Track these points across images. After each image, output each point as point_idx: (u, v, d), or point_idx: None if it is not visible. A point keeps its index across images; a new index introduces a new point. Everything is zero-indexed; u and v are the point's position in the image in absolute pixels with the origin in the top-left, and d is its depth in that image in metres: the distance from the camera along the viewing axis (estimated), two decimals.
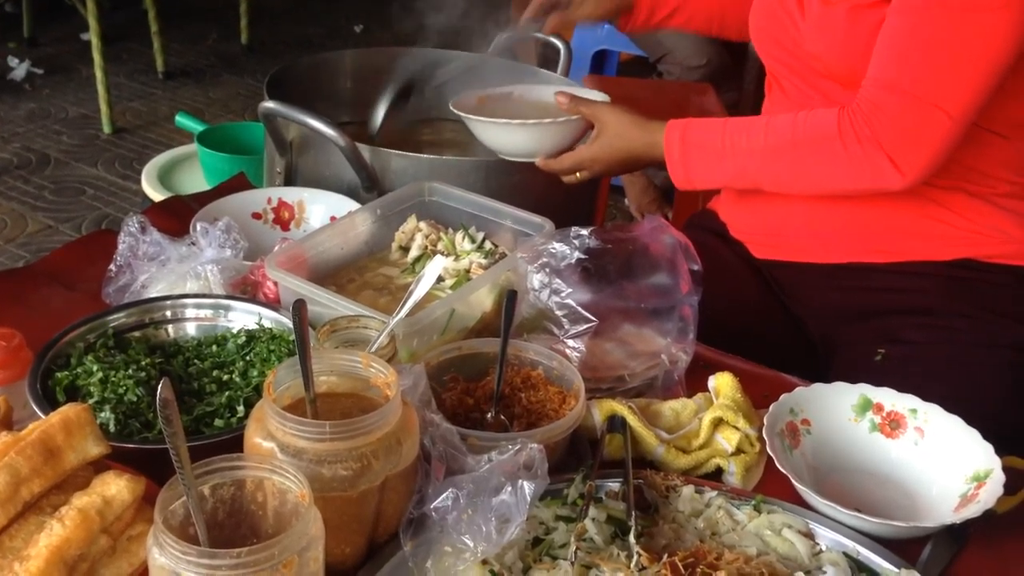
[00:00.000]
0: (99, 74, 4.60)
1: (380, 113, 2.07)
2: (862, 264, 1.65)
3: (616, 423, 1.29)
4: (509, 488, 1.05)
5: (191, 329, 1.41)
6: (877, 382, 1.35)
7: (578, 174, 1.68)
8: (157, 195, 2.74)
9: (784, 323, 1.76)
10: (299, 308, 1.09)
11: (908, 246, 1.61)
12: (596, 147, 1.64)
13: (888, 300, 1.63)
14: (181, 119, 3.03)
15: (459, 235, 1.59)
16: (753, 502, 1.19)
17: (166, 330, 1.40)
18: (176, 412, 0.92)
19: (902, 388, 1.34)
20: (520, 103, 1.85)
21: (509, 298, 1.30)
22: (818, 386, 1.35)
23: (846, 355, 1.65)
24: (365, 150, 1.75)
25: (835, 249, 1.67)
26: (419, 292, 1.26)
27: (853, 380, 1.35)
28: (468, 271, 1.52)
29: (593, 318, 1.38)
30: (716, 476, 1.29)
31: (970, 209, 1.57)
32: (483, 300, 1.44)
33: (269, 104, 1.79)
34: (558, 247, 1.42)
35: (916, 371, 1.52)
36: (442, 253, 1.54)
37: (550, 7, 1.92)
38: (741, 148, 1.52)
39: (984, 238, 1.57)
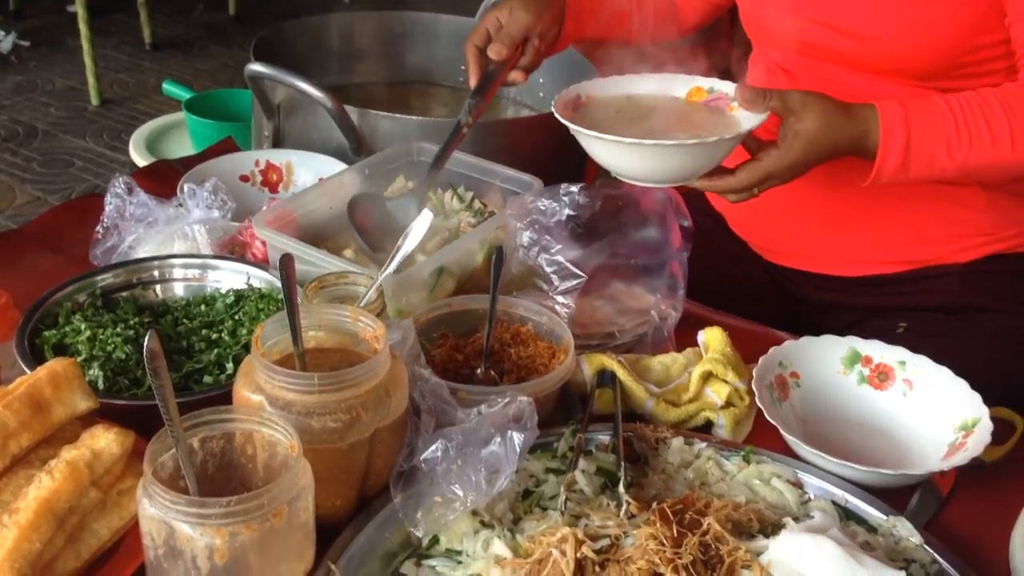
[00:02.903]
0: (86, 46, 4.56)
1: (368, 76, 2.06)
2: (880, 276, 1.58)
3: (606, 377, 1.29)
4: (498, 439, 1.06)
5: (179, 289, 1.40)
6: None
7: (756, 189, 1.32)
8: (145, 163, 2.72)
9: (781, 296, 1.70)
10: (286, 262, 1.08)
11: (929, 254, 1.54)
12: (795, 150, 1.27)
13: (906, 300, 1.57)
14: (168, 87, 3.01)
15: (448, 194, 1.58)
16: (742, 453, 1.20)
17: (154, 290, 1.39)
18: (164, 364, 0.92)
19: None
20: (634, 104, 1.41)
21: (497, 255, 1.30)
22: (807, 339, 1.35)
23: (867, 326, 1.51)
24: (353, 112, 1.74)
25: (851, 262, 1.59)
26: (407, 247, 1.26)
27: None
28: (458, 230, 1.51)
29: (582, 274, 1.38)
30: (706, 429, 1.29)
31: (987, 203, 1.50)
32: (472, 258, 1.44)
33: (255, 66, 1.78)
34: (547, 204, 1.42)
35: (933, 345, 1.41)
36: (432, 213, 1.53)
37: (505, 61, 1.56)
38: (980, 133, 1.29)
39: (1004, 232, 1.52)
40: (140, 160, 2.78)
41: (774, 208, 1.40)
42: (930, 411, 1.28)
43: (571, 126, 1.29)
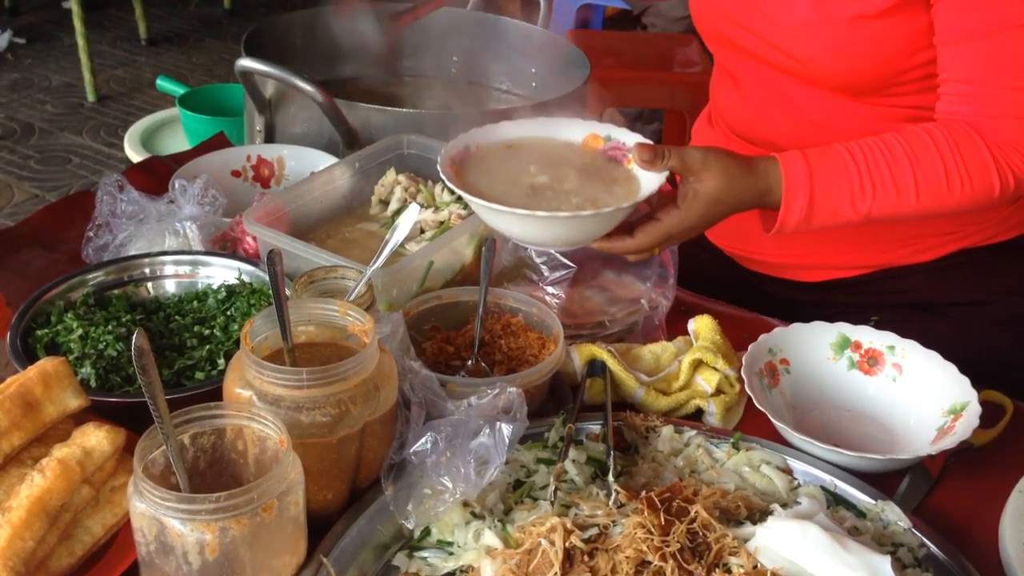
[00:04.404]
0: (81, 42, 4.57)
1: (359, 69, 2.06)
2: (845, 279, 1.59)
3: (596, 367, 1.30)
4: (487, 430, 1.06)
5: (171, 286, 1.41)
6: None
7: (657, 249, 1.28)
8: (140, 159, 2.72)
9: (753, 297, 1.67)
10: (274, 258, 1.09)
11: (892, 257, 1.55)
12: (696, 211, 1.23)
13: (875, 299, 1.57)
14: (162, 82, 3.01)
15: (438, 187, 1.58)
16: (732, 440, 1.20)
17: (146, 287, 1.40)
18: (152, 361, 0.92)
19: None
20: (522, 152, 1.30)
21: (487, 246, 1.30)
22: (797, 326, 1.36)
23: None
24: (344, 105, 1.74)
25: (814, 269, 1.59)
26: (395, 240, 1.26)
27: None
28: (448, 222, 1.52)
29: (572, 264, 1.38)
30: (696, 417, 1.30)
31: None
32: (463, 250, 1.44)
33: (246, 61, 1.78)
34: None
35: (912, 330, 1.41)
36: (421, 205, 1.54)
37: None
38: (884, 185, 1.26)
39: (966, 230, 1.52)
40: (135, 156, 2.78)
41: (739, 219, 1.36)
42: (919, 396, 1.29)
43: (464, 194, 1.18)
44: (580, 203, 1.21)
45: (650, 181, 1.23)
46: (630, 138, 1.29)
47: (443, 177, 1.20)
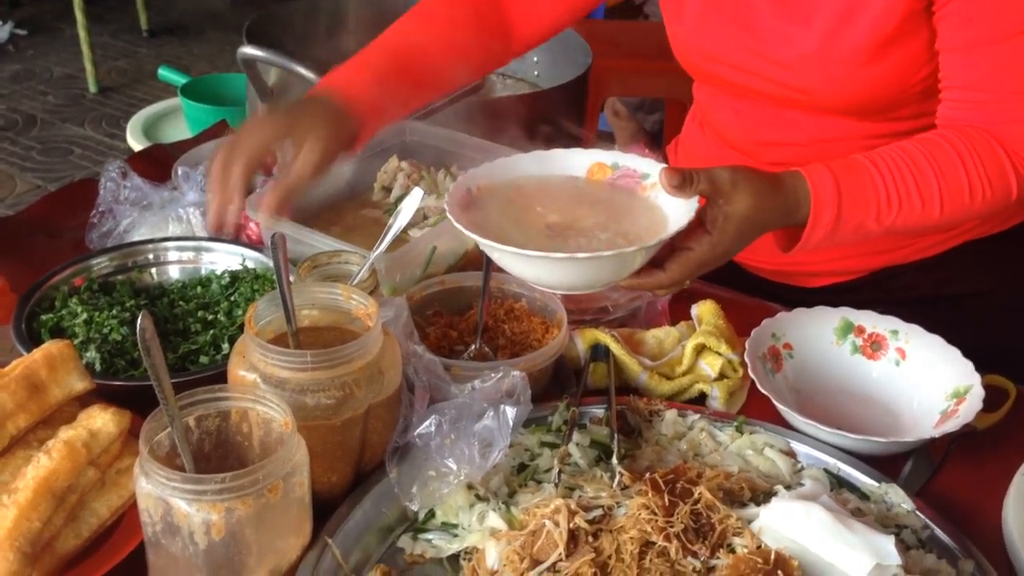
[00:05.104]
0: (83, 33, 4.57)
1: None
2: (843, 283, 1.57)
3: (600, 352, 1.30)
4: (491, 413, 1.07)
5: (174, 272, 1.41)
6: None
7: (688, 281, 1.18)
8: (142, 148, 2.73)
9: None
10: (278, 241, 1.09)
11: (891, 258, 1.54)
12: (728, 235, 1.13)
13: (877, 296, 1.53)
14: (164, 72, 3.02)
15: (441, 173, 1.59)
16: (735, 423, 1.21)
17: (150, 273, 1.40)
18: (157, 342, 0.92)
19: None
20: (526, 191, 1.19)
21: None
22: (800, 311, 1.36)
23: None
24: None
25: (817, 276, 1.58)
26: (398, 225, 1.26)
27: None
28: None
29: None
30: (700, 401, 1.30)
31: None
32: (466, 236, 1.44)
33: (248, 49, 1.79)
34: None
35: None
36: (424, 191, 1.53)
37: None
38: (910, 197, 1.21)
39: (964, 225, 1.49)
40: (137, 146, 2.80)
41: None
42: (923, 379, 1.29)
43: (488, 243, 1.07)
44: (610, 238, 1.11)
45: (677, 207, 1.12)
46: (641, 164, 1.20)
47: (457, 225, 1.10)
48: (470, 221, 1.12)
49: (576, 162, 1.22)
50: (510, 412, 1.07)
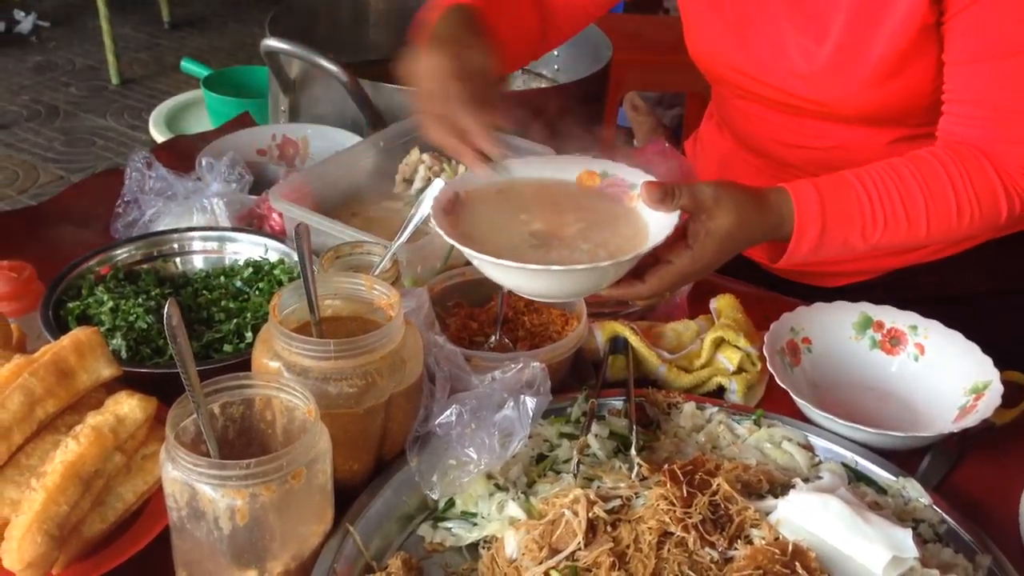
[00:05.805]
0: (105, 25, 4.60)
1: (382, 50, 2.07)
2: (859, 283, 1.58)
3: (619, 344, 1.31)
4: (511, 403, 1.08)
5: (198, 261, 1.43)
6: None
7: (668, 293, 1.20)
8: (164, 140, 2.75)
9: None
10: (301, 231, 1.10)
11: (913, 257, 1.54)
12: (709, 250, 1.14)
13: (892, 295, 1.51)
14: (187, 64, 3.04)
15: (462, 166, 1.59)
16: (753, 417, 1.21)
17: (175, 262, 1.42)
18: (183, 329, 0.94)
19: None
20: (514, 195, 1.20)
21: None
22: (819, 305, 1.36)
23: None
24: (367, 86, 1.76)
25: (834, 276, 1.59)
26: (420, 215, 1.27)
27: None
28: None
29: None
30: (718, 394, 1.31)
31: None
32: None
33: (271, 41, 1.80)
34: None
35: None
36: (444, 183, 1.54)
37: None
38: (896, 216, 1.23)
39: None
40: (159, 137, 2.82)
41: None
42: (941, 375, 1.29)
43: (465, 250, 1.08)
44: (591, 249, 1.12)
45: (660, 220, 1.13)
46: (630, 174, 1.20)
47: (438, 231, 1.10)
48: (452, 226, 1.12)
49: (566, 169, 1.22)
50: (530, 402, 1.08)
